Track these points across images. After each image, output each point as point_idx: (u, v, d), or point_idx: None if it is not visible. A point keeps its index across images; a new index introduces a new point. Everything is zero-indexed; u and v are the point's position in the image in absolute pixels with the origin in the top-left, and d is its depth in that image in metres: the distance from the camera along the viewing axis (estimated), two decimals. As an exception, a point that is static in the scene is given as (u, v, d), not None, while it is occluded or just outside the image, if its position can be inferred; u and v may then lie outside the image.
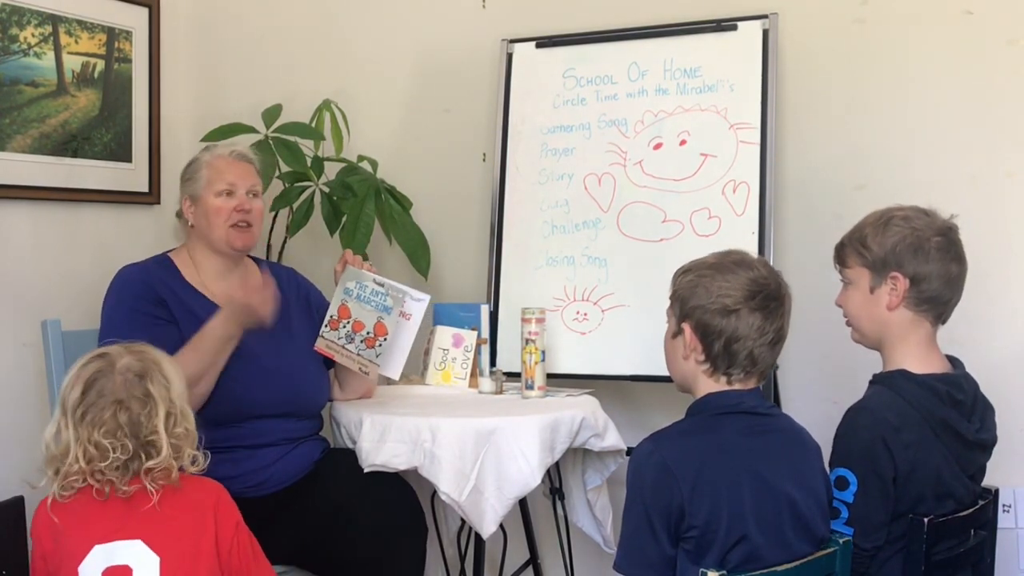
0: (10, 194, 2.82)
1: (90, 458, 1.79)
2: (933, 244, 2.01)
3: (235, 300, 2.35)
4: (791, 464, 1.86)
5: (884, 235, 2.04)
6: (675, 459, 1.79)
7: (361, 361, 2.46)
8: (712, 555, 1.75)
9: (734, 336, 1.85)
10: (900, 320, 2.05)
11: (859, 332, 2.13)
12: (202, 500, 1.83)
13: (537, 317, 2.62)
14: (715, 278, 1.87)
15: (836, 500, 1.93)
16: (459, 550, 2.79)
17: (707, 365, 1.89)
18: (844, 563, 1.82)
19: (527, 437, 2.31)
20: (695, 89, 2.83)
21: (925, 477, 1.95)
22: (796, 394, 2.82)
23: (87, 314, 2.80)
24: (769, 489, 1.80)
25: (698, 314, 1.87)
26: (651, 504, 1.78)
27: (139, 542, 1.77)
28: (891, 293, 2.03)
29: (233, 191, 2.46)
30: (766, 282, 1.88)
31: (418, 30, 3.29)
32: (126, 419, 1.80)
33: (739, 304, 1.85)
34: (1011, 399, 2.61)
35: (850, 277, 2.10)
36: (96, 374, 1.84)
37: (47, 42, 2.91)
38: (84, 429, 1.80)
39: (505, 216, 3.00)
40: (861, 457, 1.93)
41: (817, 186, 2.83)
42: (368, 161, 3.09)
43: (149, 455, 1.80)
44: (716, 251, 1.97)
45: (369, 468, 2.36)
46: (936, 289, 2.03)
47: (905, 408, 1.96)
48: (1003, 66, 2.67)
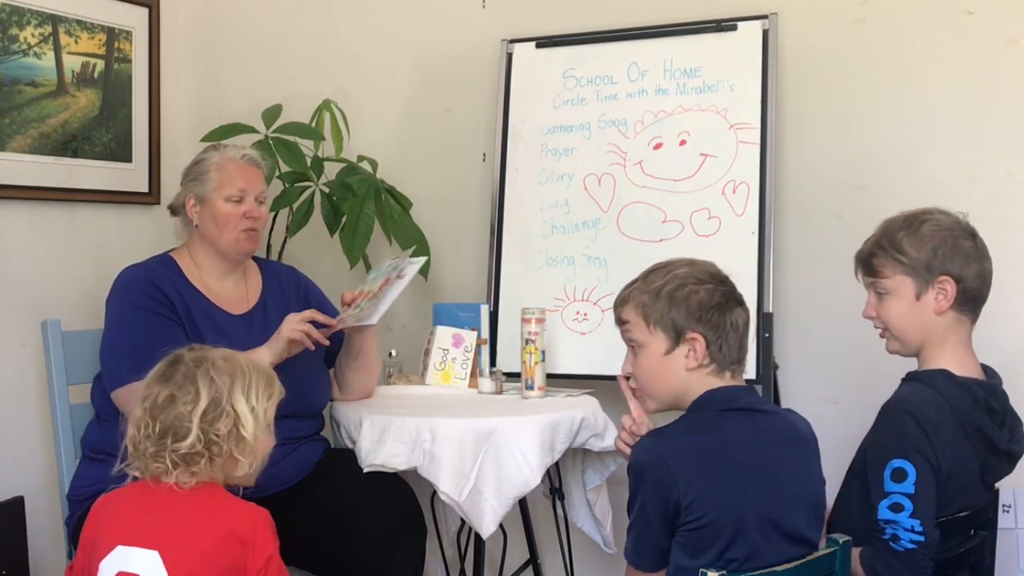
0: (10, 194, 2.82)
1: (132, 434, 1.85)
2: (968, 243, 2.01)
3: (281, 335, 2.34)
4: (791, 460, 1.87)
5: (921, 239, 2.00)
6: (674, 456, 1.80)
7: (361, 313, 2.45)
8: (710, 552, 1.76)
9: (735, 328, 1.88)
10: (946, 322, 2.02)
11: (901, 341, 2.07)
12: (235, 528, 1.81)
13: (537, 317, 2.62)
14: (691, 283, 1.89)
15: (896, 494, 1.89)
16: (459, 550, 2.79)
17: (713, 366, 1.89)
18: (844, 563, 1.82)
19: (527, 437, 2.31)
20: (695, 89, 2.83)
21: (961, 482, 1.94)
22: (796, 394, 2.82)
23: (87, 314, 2.80)
24: (769, 488, 1.81)
25: (699, 321, 1.87)
26: (649, 500, 1.80)
27: (156, 554, 1.77)
28: (939, 297, 2.00)
29: (243, 197, 2.45)
30: (724, 276, 1.93)
31: (418, 30, 3.29)
32: (166, 400, 1.83)
33: (727, 298, 1.89)
34: (1013, 399, 2.61)
35: (888, 287, 2.04)
36: (176, 359, 1.89)
37: (47, 42, 2.91)
38: (136, 407, 1.87)
39: (505, 216, 3.00)
40: (914, 448, 1.89)
41: (817, 186, 2.83)
42: (368, 161, 3.09)
43: (177, 437, 1.82)
44: (647, 271, 1.97)
45: (368, 468, 2.36)
46: (977, 287, 2.02)
47: (944, 406, 1.94)
48: (1003, 66, 2.67)
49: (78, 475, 2.42)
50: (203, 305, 2.44)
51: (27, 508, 2.57)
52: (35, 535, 2.61)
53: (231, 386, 1.86)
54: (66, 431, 2.51)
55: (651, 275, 1.95)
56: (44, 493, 2.78)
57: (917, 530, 1.86)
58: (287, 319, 2.37)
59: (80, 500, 2.34)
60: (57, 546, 2.68)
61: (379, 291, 2.46)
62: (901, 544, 1.87)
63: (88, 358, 2.51)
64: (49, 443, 2.64)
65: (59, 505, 2.51)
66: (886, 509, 1.89)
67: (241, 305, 2.51)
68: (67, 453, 2.50)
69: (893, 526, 1.88)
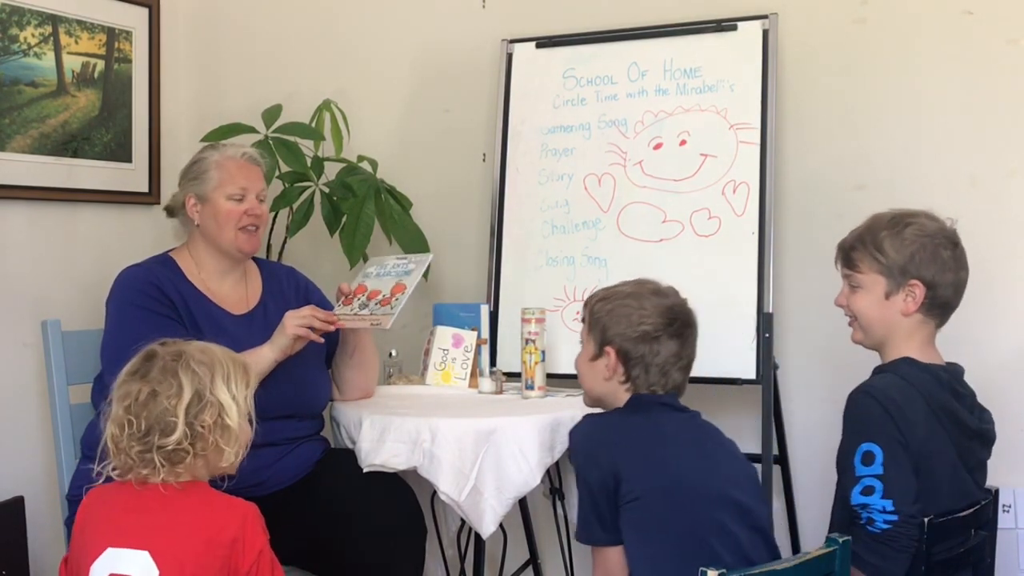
0: (10, 194, 2.83)
1: (113, 433, 1.82)
2: (948, 252, 2.05)
3: (286, 331, 2.35)
4: (722, 446, 2.02)
5: (902, 242, 2.04)
6: (611, 431, 1.95)
7: (373, 318, 2.44)
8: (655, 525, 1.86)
9: (654, 361, 1.98)
10: (911, 323, 2.07)
11: (864, 333, 2.14)
12: (224, 525, 1.80)
13: (537, 317, 2.62)
14: (633, 306, 2.00)
15: (867, 477, 1.93)
16: (459, 550, 2.79)
17: (628, 384, 2.02)
18: (844, 563, 1.82)
19: (526, 437, 2.31)
20: (695, 89, 2.83)
21: (941, 468, 1.96)
22: (796, 394, 2.82)
23: (87, 314, 2.81)
24: (708, 465, 1.93)
25: (619, 340, 2.00)
26: (588, 474, 1.92)
27: (146, 554, 1.77)
28: (907, 300, 2.05)
29: (244, 196, 2.45)
30: (681, 310, 2.03)
31: (418, 30, 3.29)
32: (147, 397, 1.81)
33: (659, 331, 1.98)
34: (1012, 399, 2.61)
35: (862, 282, 2.10)
36: (148, 355, 1.87)
37: (47, 42, 2.91)
38: (115, 406, 1.84)
39: (505, 216, 3.00)
40: (879, 429, 1.94)
41: (817, 186, 2.83)
42: (368, 161, 3.09)
43: (163, 433, 1.80)
44: (628, 280, 2.09)
45: (368, 468, 2.36)
46: (948, 296, 2.07)
47: (908, 389, 1.99)
48: (1003, 66, 2.67)
49: (78, 475, 2.41)
50: (204, 305, 2.44)
51: (27, 508, 2.57)
52: (35, 535, 2.61)
53: (212, 377, 1.84)
54: (66, 431, 2.51)
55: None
56: (44, 493, 2.78)
57: (889, 510, 1.89)
58: (288, 315, 2.37)
59: (80, 500, 2.33)
60: (57, 546, 2.68)
61: (393, 296, 2.45)
62: (876, 526, 1.90)
63: (88, 358, 2.51)
64: (49, 443, 2.64)
65: (59, 505, 2.51)
66: (858, 494, 1.93)
67: (241, 305, 2.51)
68: (67, 453, 2.50)
69: (867, 510, 1.92)
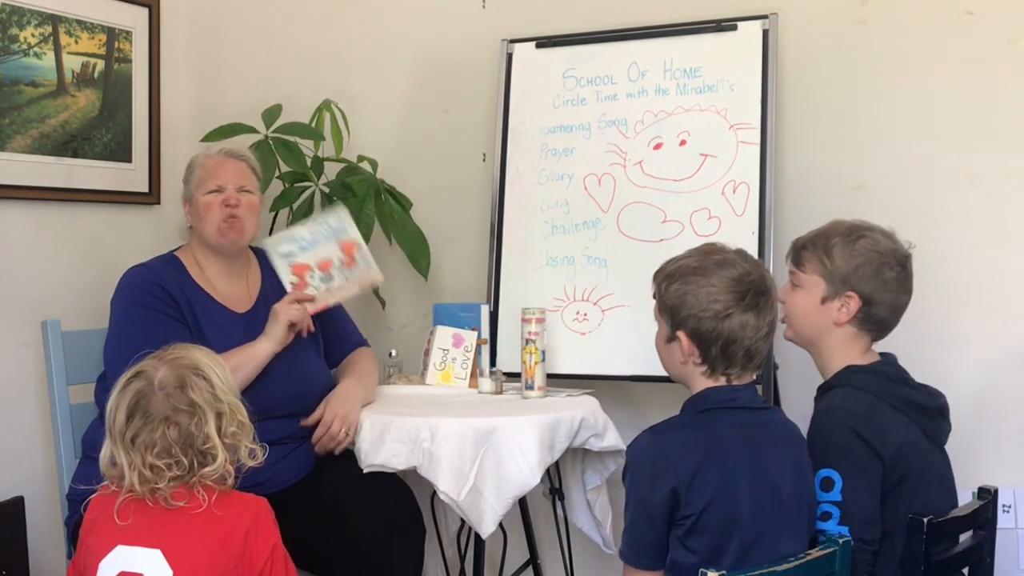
0: (10, 194, 2.83)
1: (145, 480, 1.78)
2: (893, 273, 2.05)
3: (279, 319, 2.37)
4: (785, 458, 1.89)
5: (851, 252, 2.05)
6: (672, 449, 1.82)
7: (360, 281, 2.43)
8: (706, 545, 1.77)
9: (730, 338, 1.87)
10: (842, 333, 2.08)
11: (794, 331, 2.16)
12: (235, 523, 1.80)
13: (537, 317, 2.62)
14: (701, 283, 1.88)
15: (825, 503, 1.93)
16: (459, 550, 2.79)
17: (705, 367, 1.91)
18: (844, 563, 1.82)
19: (526, 437, 2.31)
20: (695, 89, 2.82)
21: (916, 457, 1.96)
22: (796, 394, 2.81)
23: (87, 314, 2.81)
24: (765, 481, 1.83)
25: (691, 323, 1.89)
26: (648, 494, 1.81)
27: (158, 552, 1.76)
28: (841, 310, 2.06)
29: (222, 188, 2.47)
30: (751, 278, 1.89)
31: (418, 30, 3.29)
32: (176, 435, 1.78)
33: (730, 307, 1.87)
34: (1012, 398, 2.61)
35: (803, 281, 2.12)
36: (137, 396, 1.82)
37: (47, 42, 2.91)
38: (136, 454, 1.79)
39: (505, 216, 2.99)
40: (839, 454, 1.93)
41: (817, 186, 2.82)
42: (368, 161, 3.09)
43: (204, 463, 1.79)
44: (692, 248, 1.98)
45: (368, 468, 2.37)
46: (884, 315, 2.07)
47: (867, 397, 1.99)
48: (1003, 66, 2.66)
49: (78, 475, 2.41)
50: (208, 304, 2.45)
51: (27, 508, 2.57)
52: (35, 535, 2.61)
53: (210, 383, 1.84)
54: (66, 431, 2.51)
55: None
56: (44, 493, 2.78)
57: (845, 536, 1.87)
58: (277, 306, 2.40)
59: (80, 500, 2.33)
60: (57, 546, 2.68)
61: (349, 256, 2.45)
62: None
63: (88, 358, 2.51)
64: (49, 443, 2.64)
65: (59, 505, 2.51)
66: (816, 518, 1.92)
67: (244, 302, 2.52)
68: (67, 453, 2.50)
69: (824, 535, 1.90)
